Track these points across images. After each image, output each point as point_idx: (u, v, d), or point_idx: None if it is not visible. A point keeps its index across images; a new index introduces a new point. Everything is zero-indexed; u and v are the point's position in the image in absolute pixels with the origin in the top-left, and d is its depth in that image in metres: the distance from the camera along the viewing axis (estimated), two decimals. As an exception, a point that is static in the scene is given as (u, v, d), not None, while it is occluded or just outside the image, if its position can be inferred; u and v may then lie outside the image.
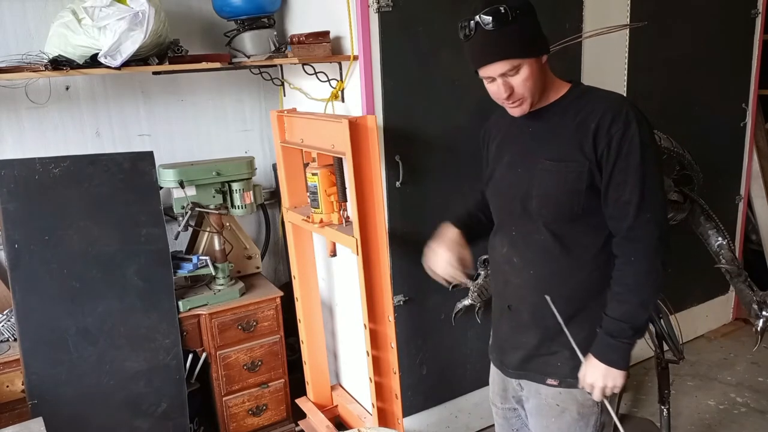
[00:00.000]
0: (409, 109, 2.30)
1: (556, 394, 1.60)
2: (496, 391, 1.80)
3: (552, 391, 1.60)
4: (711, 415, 2.91)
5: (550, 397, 1.61)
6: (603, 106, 1.44)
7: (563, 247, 1.51)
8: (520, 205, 1.54)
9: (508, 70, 1.41)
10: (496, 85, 1.44)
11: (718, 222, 2.38)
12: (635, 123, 1.40)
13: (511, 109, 1.49)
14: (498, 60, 1.40)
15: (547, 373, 1.60)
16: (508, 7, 1.37)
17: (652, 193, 1.42)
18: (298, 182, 2.57)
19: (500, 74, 1.41)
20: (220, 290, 2.60)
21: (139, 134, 2.76)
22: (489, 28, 1.37)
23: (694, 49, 3.07)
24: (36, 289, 2.25)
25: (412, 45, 2.26)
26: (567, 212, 1.48)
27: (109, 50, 2.16)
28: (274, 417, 2.73)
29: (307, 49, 2.26)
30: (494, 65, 1.41)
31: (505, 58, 1.39)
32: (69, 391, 2.28)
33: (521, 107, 1.47)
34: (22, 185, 2.24)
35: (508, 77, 1.42)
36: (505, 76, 1.42)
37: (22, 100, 2.48)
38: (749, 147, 3.50)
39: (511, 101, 1.46)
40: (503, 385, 1.76)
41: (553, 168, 1.47)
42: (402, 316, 2.43)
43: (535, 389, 1.63)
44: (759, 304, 2.38)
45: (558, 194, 1.47)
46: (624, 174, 1.41)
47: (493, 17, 1.36)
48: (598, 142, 1.42)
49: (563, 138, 1.47)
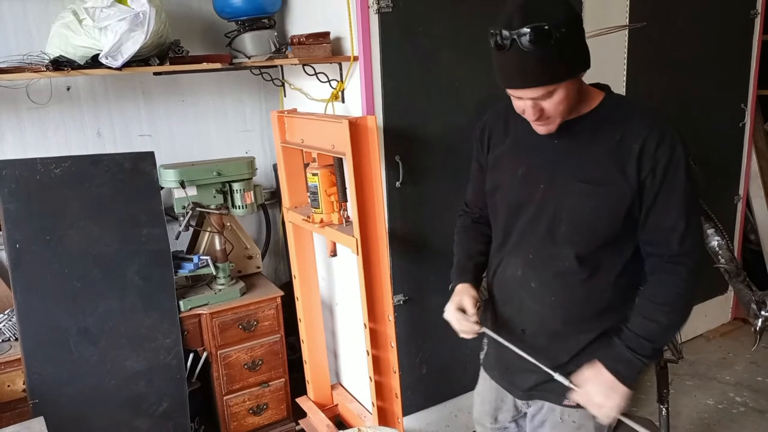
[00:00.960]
0: (409, 109, 2.30)
1: (573, 412, 1.53)
2: (487, 410, 1.72)
3: (569, 409, 1.53)
4: (710, 414, 2.91)
5: (566, 414, 1.54)
6: (646, 125, 1.31)
7: (587, 272, 1.41)
8: (545, 228, 1.42)
9: (541, 95, 1.27)
10: (524, 105, 1.31)
11: (717, 222, 2.39)
12: (680, 146, 1.29)
13: (538, 127, 1.35)
14: (532, 87, 1.25)
15: (564, 394, 1.49)
16: (553, 26, 1.18)
17: (695, 218, 1.35)
18: (299, 182, 2.57)
19: (533, 98, 1.28)
20: (220, 290, 2.61)
21: (140, 134, 2.76)
22: (527, 49, 1.19)
23: (693, 49, 3.08)
24: (37, 289, 2.25)
25: (412, 45, 2.26)
26: (600, 239, 1.37)
27: (110, 51, 2.17)
28: (274, 416, 2.73)
29: (308, 49, 2.26)
30: (526, 91, 1.27)
31: (541, 85, 1.24)
32: (70, 391, 2.28)
33: (549, 126, 1.34)
34: (23, 185, 2.25)
35: (539, 100, 1.28)
36: (537, 99, 1.28)
37: (23, 101, 2.48)
38: (748, 147, 3.51)
39: (540, 122, 1.33)
40: (496, 404, 1.69)
41: (590, 191, 1.34)
42: (402, 315, 2.44)
43: (549, 407, 1.56)
44: (757, 304, 2.38)
45: (593, 220, 1.35)
46: (668, 200, 1.30)
47: (534, 39, 1.18)
48: (643, 165, 1.29)
49: (599, 158, 1.33)
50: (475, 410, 1.79)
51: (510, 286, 1.54)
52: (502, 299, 1.58)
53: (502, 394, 1.67)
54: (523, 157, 1.46)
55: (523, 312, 1.53)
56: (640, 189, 1.31)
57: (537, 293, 1.47)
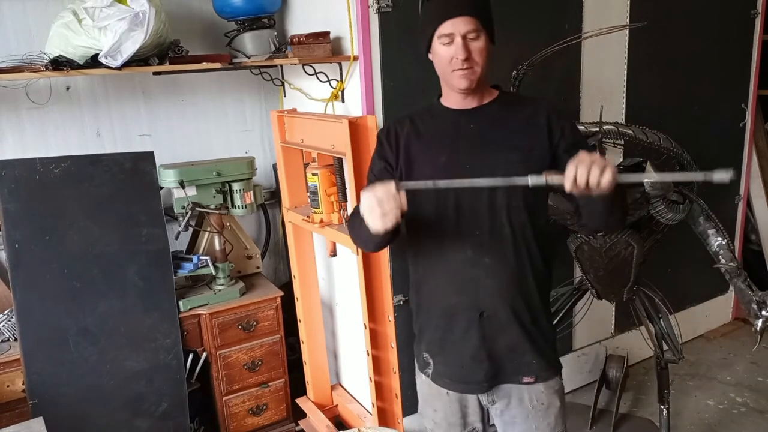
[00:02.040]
0: (409, 109, 2.26)
1: (539, 394, 1.61)
2: (454, 421, 1.70)
3: (535, 391, 1.61)
4: (710, 414, 2.91)
5: (535, 399, 1.62)
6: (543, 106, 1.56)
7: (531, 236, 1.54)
8: (485, 203, 1.51)
9: (471, 30, 1.43)
10: (455, 46, 1.44)
11: (718, 222, 2.38)
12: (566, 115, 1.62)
13: (461, 76, 1.47)
14: (468, 15, 1.42)
15: (521, 372, 1.59)
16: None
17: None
18: (299, 182, 2.57)
19: (463, 33, 1.43)
20: (220, 290, 2.60)
21: (140, 134, 2.76)
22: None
23: (693, 49, 3.08)
24: (36, 289, 2.25)
25: (412, 45, 2.25)
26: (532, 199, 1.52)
27: (109, 50, 2.17)
28: (274, 416, 2.73)
29: (308, 49, 2.26)
30: (462, 19, 1.42)
31: (475, 15, 1.42)
32: (69, 391, 2.28)
33: (471, 77, 1.47)
34: (22, 185, 2.25)
35: (468, 39, 1.43)
36: (466, 38, 1.43)
37: (23, 101, 2.48)
38: (748, 147, 3.51)
39: (466, 65, 1.45)
40: (462, 411, 1.69)
41: (522, 157, 1.48)
42: (402, 315, 2.43)
43: (518, 398, 1.62)
44: (758, 304, 2.38)
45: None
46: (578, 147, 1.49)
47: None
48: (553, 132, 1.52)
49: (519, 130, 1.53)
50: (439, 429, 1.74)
51: (460, 270, 1.56)
52: (457, 288, 1.58)
53: (464, 398, 1.68)
54: (442, 148, 1.56)
55: (480, 292, 1.55)
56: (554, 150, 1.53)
57: (490, 267, 1.54)
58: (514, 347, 1.58)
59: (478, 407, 1.69)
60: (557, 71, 2.61)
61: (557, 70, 2.60)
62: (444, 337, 1.62)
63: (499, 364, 1.59)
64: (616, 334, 3.24)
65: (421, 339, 1.70)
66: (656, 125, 2.45)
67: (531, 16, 2.48)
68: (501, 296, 1.55)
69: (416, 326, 1.71)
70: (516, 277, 1.55)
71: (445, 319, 1.61)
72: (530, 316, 1.58)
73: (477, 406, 1.69)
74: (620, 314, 3.19)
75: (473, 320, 1.57)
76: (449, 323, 1.60)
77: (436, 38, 1.47)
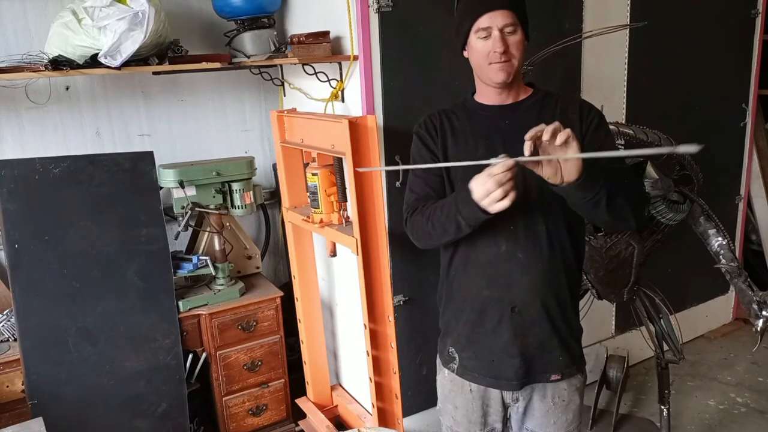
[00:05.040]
0: (409, 109, 2.30)
1: (561, 391, 1.63)
2: (474, 419, 1.69)
3: (558, 389, 1.63)
4: (711, 415, 2.91)
5: (557, 396, 1.63)
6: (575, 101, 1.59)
7: (565, 232, 1.55)
8: (521, 198, 1.46)
9: (509, 23, 1.44)
10: (493, 40, 1.44)
11: (718, 222, 2.38)
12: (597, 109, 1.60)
13: (499, 69, 1.47)
14: (505, 8, 1.43)
15: (548, 370, 1.61)
16: None
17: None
18: (298, 182, 2.57)
19: (501, 27, 1.43)
20: (220, 290, 2.60)
21: (139, 134, 2.76)
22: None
23: (694, 49, 3.08)
24: (36, 289, 2.25)
25: (412, 45, 2.26)
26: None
27: (109, 50, 2.16)
28: (274, 417, 2.73)
29: (307, 49, 2.26)
30: (500, 12, 1.43)
31: (512, 9, 1.44)
32: (69, 391, 2.28)
33: (508, 69, 1.48)
34: (22, 185, 2.24)
35: (505, 33, 1.44)
36: (503, 31, 1.44)
37: (22, 100, 2.48)
38: (749, 147, 3.51)
39: (504, 58, 1.46)
40: (483, 410, 1.68)
41: None
42: (402, 316, 2.43)
43: (540, 393, 1.64)
44: (759, 304, 2.37)
45: None
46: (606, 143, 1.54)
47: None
48: (583, 127, 1.53)
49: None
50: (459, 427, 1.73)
51: (495, 264, 1.56)
52: (487, 282, 1.58)
53: (487, 396, 1.67)
54: (478, 141, 1.56)
55: (513, 288, 1.55)
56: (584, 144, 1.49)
57: (524, 263, 1.54)
58: (543, 343, 1.59)
59: (501, 406, 1.68)
60: (558, 71, 2.61)
61: (558, 69, 2.60)
62: (474, 331, 1.62)
63: (530, 362, 1.59)
64: (616, 335, 3.24)
65: (447, 333, 1.70)
66: (657, 125, 2.45)
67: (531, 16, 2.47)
68: (533, 292, 1.55)
69: (443, 321, 1.72)
70: (548, 273, 1.55)
71: (475, 313, 1.61)
72: (560, 312, 1.58)
73: (500, 404, 1.67)
74: (621, 314, 3.19)
75: (505, 315, 1.57)
76: (480, 317, 1.60)
77: (473, 33, 1.48)
